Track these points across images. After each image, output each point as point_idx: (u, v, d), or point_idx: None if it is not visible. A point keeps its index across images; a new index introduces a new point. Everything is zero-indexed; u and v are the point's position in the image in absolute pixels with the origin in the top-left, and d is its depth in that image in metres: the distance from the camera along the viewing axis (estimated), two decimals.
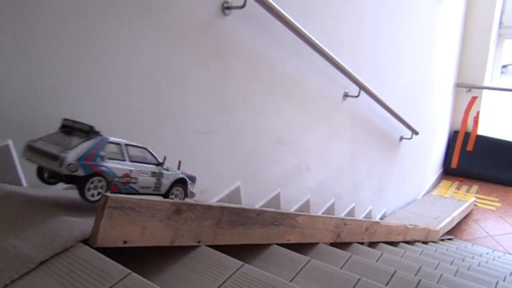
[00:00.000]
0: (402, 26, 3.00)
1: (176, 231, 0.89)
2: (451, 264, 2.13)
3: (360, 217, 2.99)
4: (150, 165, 0.98)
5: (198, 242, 0.97)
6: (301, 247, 1.45)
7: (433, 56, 3.81)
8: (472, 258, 2.65)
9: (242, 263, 0.92)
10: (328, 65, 2.06)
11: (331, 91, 2.28)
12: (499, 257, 3.15)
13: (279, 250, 1.25)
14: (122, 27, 1.13)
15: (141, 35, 1.19)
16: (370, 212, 3.18)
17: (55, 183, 0.92)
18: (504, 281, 1.97)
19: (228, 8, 1.40)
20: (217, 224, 1.02)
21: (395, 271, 1.39)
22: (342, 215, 2.71)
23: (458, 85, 4.47)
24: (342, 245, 1.75)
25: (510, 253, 3.43)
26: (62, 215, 0.82)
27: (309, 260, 1.20)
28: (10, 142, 0.97)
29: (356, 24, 2.34)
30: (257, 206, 1.91)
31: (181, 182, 1.06)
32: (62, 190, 1.07)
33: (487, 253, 3.19)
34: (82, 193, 0.83)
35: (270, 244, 1.27)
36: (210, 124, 1.54)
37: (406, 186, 4.00)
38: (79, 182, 0.83)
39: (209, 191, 1.63)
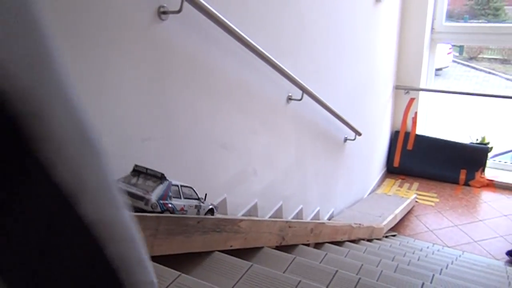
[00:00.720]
0: (342, 31, 3.10)
1: None
2: (393, 260, 2.21)
3: (309, 218, 3.04)
4: (194, 200, 1.29)
5: None
6: (245, 253, 1.45)
7: (373, 60, 3.97)
8: (413, 253, 2.77)
9: (179, 273, 0.90)
10: (270, 69, 2.08)
11: (275, 95, 2.30)
12: (438, 250, 3.32)
13: (222, 257, 1.24)
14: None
15: (74, 42, 1.14)
16: (318, 212, 3.24)
17: None
18: (440, 274, 2.08)
19: (164, 13, 1.37)
20: (154, 235, 0.99)
21: (337, 271, 1.42)
22: (290, 217, 2.74)
23: (396, 87, 4.68)
24: (287, 248, 1.77)
25: (448, 246, 3.63)
26: None
27: (251, 266, 1.20)
28: None
29: (297, 29, 2.39)
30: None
31: (211, 211, 1.37)
32: None
33: (427, 247, 3.36)
34: None
35: (212, 251, 1.25)
36: (151, 131, 1.50)
37: (352, 185, 4.12)
38: None
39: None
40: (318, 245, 2.13)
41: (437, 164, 4.73)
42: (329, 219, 3.47)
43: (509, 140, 6.15)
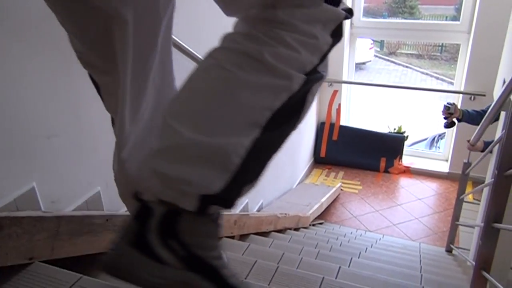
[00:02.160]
0: None
1: None
2: (315, 247, 2.28)
3: (237, 211, 3.06)
4: None
5: (30, 259, 0.87)
6: None
7: None
8: (337, 239, 2.89)
9: (80, 275, 0.85)
10: (192, 64, 2.05)
11: None
12: (361, 235, 3.50)
13: None
14: None
15: None
16: (247, 205, 3.26)
17: None
18: (358, 257, 2.18)
19: None
20: (54, 236, 0.93)
21: (256, 261, 1.44)
22: None
23: None
24: None
25: (370, 231, 3.84)
26: None
27: None
28: None
29: (217, 23, 2.37)
30: (122, 210, 1.82)
31: None
32: None
33: (351, 233, 3.52)
34: None
35: None
36: (57, 127, 1.41)
37: (281, 177, 4.21)
38: None
39: (62, 200, 1.49)
40: (243, 237, 2.15)
41: (360, 153, 4.97)
42: (258, 210, 3.51)
43: (424, 130, 6.64)
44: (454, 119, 3.02)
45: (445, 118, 3.04)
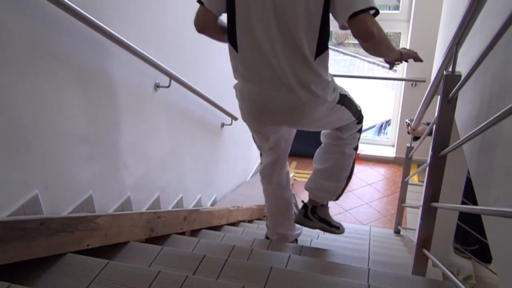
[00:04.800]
0: None
1: None
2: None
3: (190, 206, 3.02)
4: None
5: None
6: (108, 250, 1.37)
7: None
8: None
9: (8, 284, 0.80)
10: (133, 57, 1.99)
11: (140, 83, 2.21)
12: None
13: (75, 258, 1.15)
14: None
15: None
16: (200, 200, 3.23)
17: None
18: (310, 244, 2.23)
19: None
20: None
21: (204, 255, 1.42)
22: (170, 207, 2.69)
23: None
24: (158, 239, 1.72)
25: None
26: None
27: (107, 263, 1.13)
28: None
29: (159, 16, 2.31)
30: (64, 213, 1.74)
31: None
32: None
33: None
34: None
35: (64, 254, 1.15)
36: None
37: (234, 170, 4.20)
38: None
39: None
40: (194, 232, 2.12)
41: (312, 143, 5.02)
42: (212, 205, 3.49)
43: (372, 117, 6.86)
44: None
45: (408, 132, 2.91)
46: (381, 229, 3.65)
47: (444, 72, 1.35)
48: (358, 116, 1.91)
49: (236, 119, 3.58)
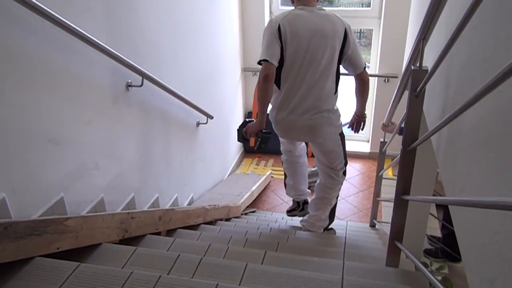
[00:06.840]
0: (181, 18, 3.07)
1: None
2: (245, 235, 2.30)
3: (167, 206, 2.99)
4: None
5: None
6: (79, 253, 1.34)
7: (218, 45, 4.03)
8: (267, 225, 2.94)
9: None
10: (103, 56, 1.95)
11: (111, 82, 2.17)
12: (291, 219, 3.59)
13: (44, 262, 1.12)
14: None
15: None
16: (176, 199, 3.20)
17: None
18: (287, 241, 2.24)
19: None
20: None
21: (179, 255, 1.41)
22: (145, 208, 2.65)
23: (245, 70, 4.87)
24: (132, 240, 1.70)
25: None
26: None
27: (78, 265, 1.11)
28: None
29: (132, 15, 2.28)
30: (34, 217, 1.69)
31: None
32: None
33: (282, 218, 3.60)
34: None
35: (32, 258, 1.12)
36: None
37: (210, 168, 4.18)
38: None
39: None
40: (170, 232, 2.10)
41: None
42: (189, 204, 3.46)
43: (346, 113, 6.93)
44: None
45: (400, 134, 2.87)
46: (358, 223, 3.70)
47: (412, 67, 1.38)
48: (345, 158, 2.57)
49: (211, 117, 3.56)
